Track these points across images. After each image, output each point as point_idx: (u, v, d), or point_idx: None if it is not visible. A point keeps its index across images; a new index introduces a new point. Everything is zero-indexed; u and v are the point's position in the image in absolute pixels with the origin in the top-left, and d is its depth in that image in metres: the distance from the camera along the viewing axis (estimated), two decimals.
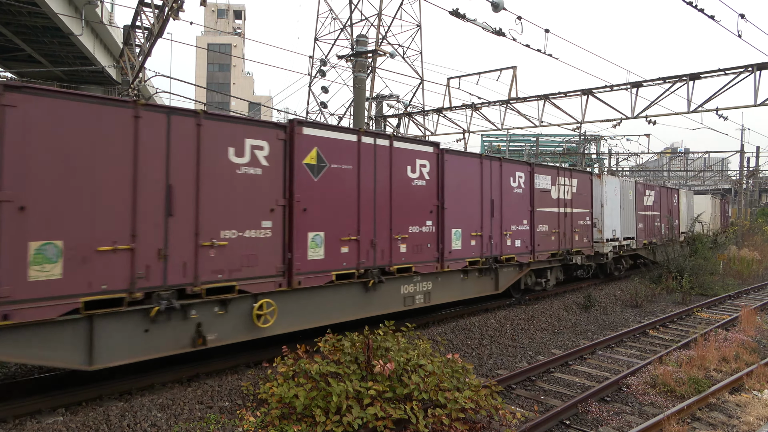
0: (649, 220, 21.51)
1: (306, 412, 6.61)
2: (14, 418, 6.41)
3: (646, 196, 21.38)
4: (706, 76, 16.41)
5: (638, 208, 20.50)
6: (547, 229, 14.43)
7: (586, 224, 16.41)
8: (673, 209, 24.42)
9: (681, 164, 56.62)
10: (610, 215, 18.05)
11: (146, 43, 16.22)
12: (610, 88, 18.26)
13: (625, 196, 19.27)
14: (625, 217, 19.22)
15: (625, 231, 19.14)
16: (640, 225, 20.70)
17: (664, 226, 22.84)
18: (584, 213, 16.26)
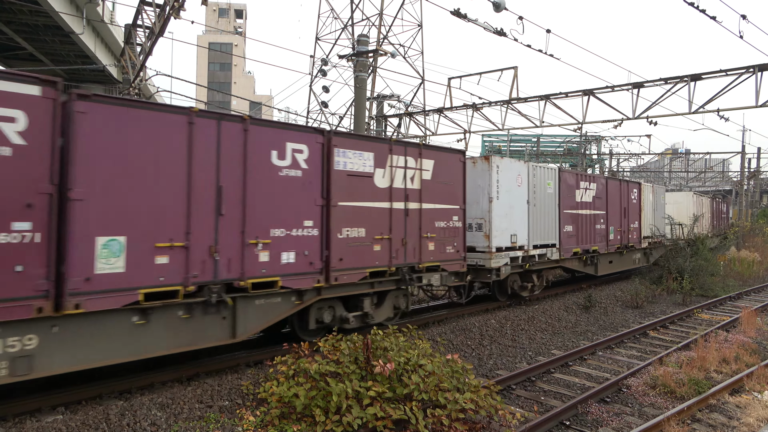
0: (585, 221, 16.93)
1: (306, 412, 6.61)
2: (14, 416, 6.42)
3: (580, 189, 16.71)
4: (708, 77, 16.40)
5: (565, 205, 15.79)
6: (364, 234, 9.60)
7: (451, 227, 11.42)
8: (630, 208, 20.10)
9: (682, 165, 56.54)
10: (506, 215, 13.30)
11: (147, 42, 16.22)
12: (611, 88, 18.24)
13: (539, 188, 14.70)
14: (539, 218, 14.64)
15: (538, 236, 14.54)
16: (569, 228, 15.97)
17: (616, 230, 18.85)
18: (448, 210, 11.35)
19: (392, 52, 20.58)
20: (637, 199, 20.87)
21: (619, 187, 19.44)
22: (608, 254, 18.58)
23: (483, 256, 12.88)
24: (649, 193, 22.10)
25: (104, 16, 28.58)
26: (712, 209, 33.17)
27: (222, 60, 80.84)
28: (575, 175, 16.77)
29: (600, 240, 17.84)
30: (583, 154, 45.18)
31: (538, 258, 14.56)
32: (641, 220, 21.02)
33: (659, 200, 23.31)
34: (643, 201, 21.22)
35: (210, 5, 79.99)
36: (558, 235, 15.47)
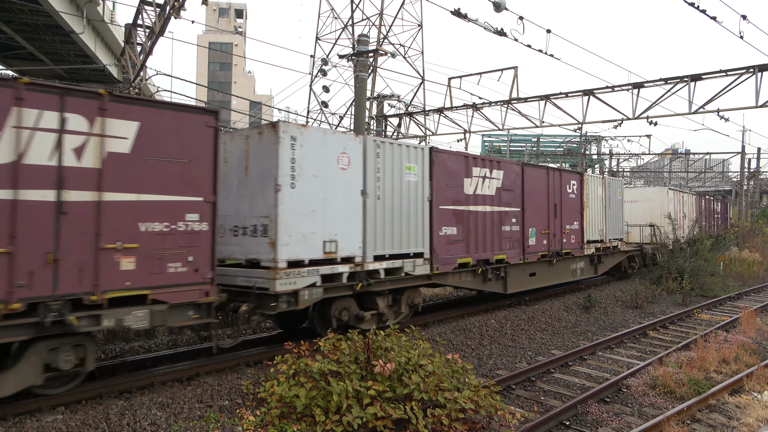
0: (483, 221, 12.62)
1: (306, 412, 6.61)
2: (14, 416, 6.42)
3: (473, 178, 12.44)
4: (708, 77, 16.40)
5: (444, 198, 11.62)
6: None
7: (181, 231, 7.32)
8: (564, 204, 15.95)
9: (682, 165, 56.55)
10: (314, 212, 9.02)
11: (147, 42, 16.22)
12: (612, 88, 18.24)
13: (390, 173, 10.43)
14: (389, 216, 10.38)
15: (386, 242, 10.29)
16: (450, 230, 11.72)
17: (540, 233, 14.75)
18: (173, 204, 7.29)
19: (392, 52, 20.59)
20: (577, 193, 16.72)
21: (545, 177, 15.17)
22: (525, 265, 14.20)
23: (265, 275, 8.38)
24: (597, 186, 17.97)
25: (104, 15, 28.59)
26: (699, 208, 29.81)
27: (222, 60, 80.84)
28: (463, 159, 12.33)
29: (511, 246, 13.55)
30: (583, 155, 45.19)
31: (385, 274, 10.17)
32: (584, 221, 16.93)
33: (614, 196, 19.04)
34: (587, 196, 17.10)
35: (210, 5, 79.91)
36: (429, 241, 11.13)
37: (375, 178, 10.09)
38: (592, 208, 17.63)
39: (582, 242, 16.88)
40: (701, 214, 29.79)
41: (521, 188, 13.98)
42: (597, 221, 17.90)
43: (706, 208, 31.47)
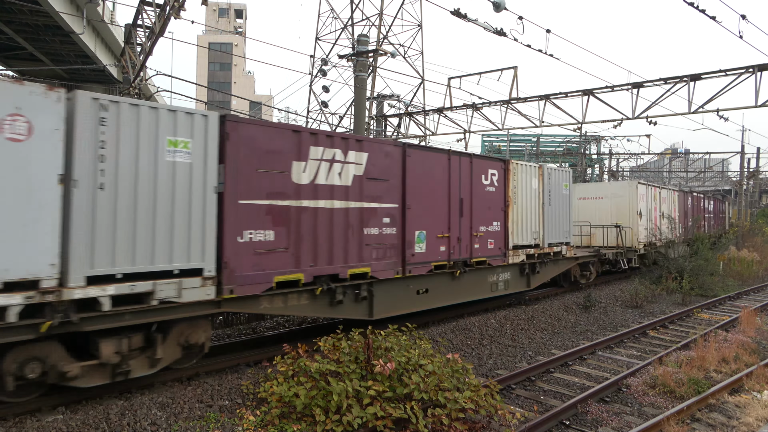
0: (326, 221, 9.26)
1: (306, 411, 6.62)
2: (14, 416, 6.42)
3: (311, 162, 9.01)
4: (707, 76, 16.41)
5: (249, 190, 8.17)
6: None
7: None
8: (479, 199, 12.51)
9: (681, 165, 56.56)
10: None
11: (147, 42, 16.23)
12: (611, 88, 18.25)
13: (140, 148, 7.05)
14: (125, 216, 6.89)
15: (117, 255, 6.80)
16: (255, 235, 8.14)
17: (434, 237, 11.27)
18: None
19: (392, 52, 20.61)
20: (499, 186, 13.08)
21: (445, 164, 11.65)
22: (409, 280, 10.82)
23: None
24: (530, 177, 14.03)
25: (104, 15, 28.59)
26: (684, 207, 26.31)
27: (222, 60, 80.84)
28: (291, 134, 8.74)
29: (381, 255, 10.14)
30: (583, 154, 45.21)
31: (115, 304, 6.71)
32: (509, 221, 13.29)
33: (557, 190, 15.09)
34: (513, 190, 13.41)
35: (210, 5, 79.96)
36: (216, 251, 7.64)
37: (95, 156, 6.60)
38: (523, 205, 13.76)
39: (506, 248, 13.17)
40: (687, 213, 26.54)
41: (401, 178, 10.59)
42: (530, 221, 14.04)
43: (695, 207, 28.49)
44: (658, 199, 22.78)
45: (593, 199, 21.32)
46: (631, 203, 20.38)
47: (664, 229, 22.50)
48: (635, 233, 20.07)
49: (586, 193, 21.84)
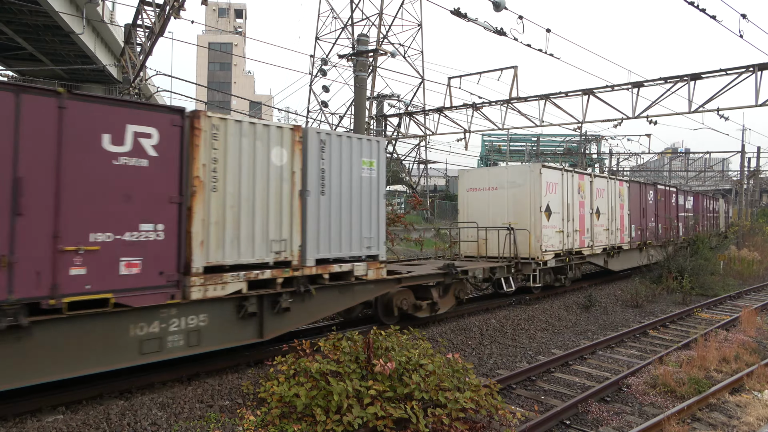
0: None
1: (306, 411, 6.62)
2: (15, 416, 6.42)
3: None
4: (707, 76, 16.40)
5: None
6: None
7: None
8: (84, 184, 6.42)
9: (682, 165, 56.58)
10: None
11: (147, 42, 16.23)
12: (611, 88, 18.25)
13: None
14: None
15: None
16: None
17: None
18: None
19: (392, 52, 20.61)
20: (167, 157, 7.27)
21: None
22: None
23: None
24: (267, 144, 8.45)
25: (104, 16, 28.60)
26: (642, 203, 20.65)
27: (222, 60, 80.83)
28: None
29: None
30: (583, 154, 45.20)
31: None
32: (195, 220, 7.50)
33: (351, 170, 9.69)
34: (210, 165, 7.70)
35: (210, 5, 79.96)
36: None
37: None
38: (242, 193, 7.99)
39: (181, 271, 7.28)
40: (646, 211, 20.86)
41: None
42: (263, 220, 8.29)
43: (662, 203, 22.24)
44: (588, 192, 17.09)
45: (486, 191, 15.37)
46: (533, 196, 14.56)
47: (598, 232, 17.41)
48: (538, 238, 14.43)
49: (478, 181, 15.65)
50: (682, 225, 24.63)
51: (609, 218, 18.27)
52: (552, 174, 15.29)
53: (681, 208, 25.05)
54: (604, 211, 18.01)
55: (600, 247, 17.61)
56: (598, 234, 17.55)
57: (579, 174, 16.85)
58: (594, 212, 17.45)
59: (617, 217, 18.79)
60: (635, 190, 20.43)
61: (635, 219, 20.17)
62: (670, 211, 23.55)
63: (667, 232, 22.29)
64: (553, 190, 15.24)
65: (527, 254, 14.49)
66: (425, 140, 24.14)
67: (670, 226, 22.91)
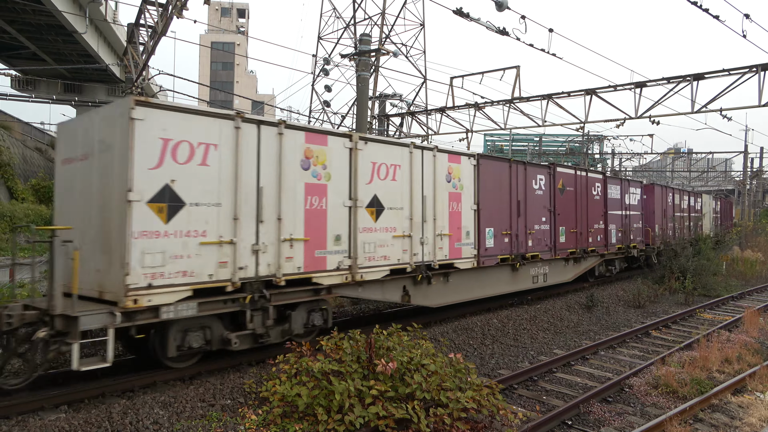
0: None
1: (308, 411, 6.62)
2: (17, 414, 6.44)
3: None
4: (710, 76, 16.35)
5: None
6: None
7: None
8: None
9: (684, 165, 56.46)
10: None
11: (150, 42, 16.24)
12: (614, 88, 18.21)
13: None
14: None
15: None
16: None
17: None
18: None
19: (394, 52, 20.57)
20: None
21: None
22: None
23: None
24: None
25: (107, 15, 28.66)
26: (513, 191, 13.56)
27: (224, 59, 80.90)
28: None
29: None
30: (586, 154, 45.13)
31: None
32: None
33: None
34: None
35: (212, 5, 79.92)
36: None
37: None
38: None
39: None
40: (519, 210, 13.70)
41: None
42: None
43: (575, 198, 16.24)
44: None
45: (79, 162, 7.94)
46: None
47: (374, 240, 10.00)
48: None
49: (73, 144, 8.13)
50: (618, 229, 18.69)
51: (408, 216, 10.66)
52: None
53: (613, 203, 18.58)
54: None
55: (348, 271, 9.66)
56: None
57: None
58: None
59: (443, 214, 11.48)
60: (497, 172, 13.07)
61: (497, 219, 13.04)
62: (587, 208, 16.80)
63: (579, 241, 16.27)
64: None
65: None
66: (427, 140, 24.12)
67: (585, 232, 16.66)
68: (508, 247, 13.47)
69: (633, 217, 20.16)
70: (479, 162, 12.63)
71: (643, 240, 20.84)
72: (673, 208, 23.80)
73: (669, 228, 22.97)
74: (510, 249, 13.55)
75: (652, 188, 21.98)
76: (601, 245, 17.79)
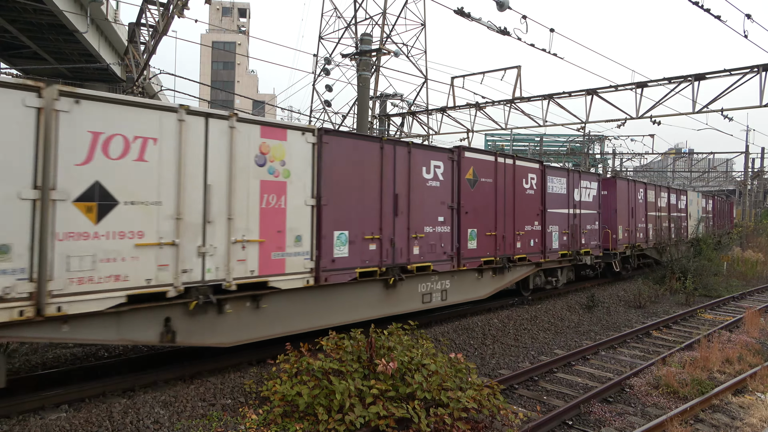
0: None
1: (309, 410, 6.62)
2: (18, 413, 6.44)
3: None
4: (712, 76, 16.34)
5: None
6: None
7: None
8: None
9: (685, 165, 56.44)
10: None
11: (151, 41, 16.25)
12: (615, 88, 18.20)
13: None
14: None
15: None
16: None
17: None
18: None
19: (395, 51, 20.57)
20: None
21: None
22: None
23: None
24: None
25: (108, 14, 28.66)
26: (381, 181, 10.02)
27: (225, 59, 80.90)
28: None
29: None
30: (587, 154, 45.11)
31: None
32: None
33: None
34: None
35: (213, 4, 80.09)
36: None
37: None
38: None
39: None
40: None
41: None
42: None
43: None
44: None
45: None
46: None
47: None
48: None
49: None
50: (562, 231, 15.23)
51: (172, 214, 7.62)
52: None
53: (555, 200, 15.01)
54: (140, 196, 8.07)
55: None
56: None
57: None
58: None
59: (247, 212, 8.13)
60: (358, 155, 9.68)
61: (356, 219, 9.65)
62: (514, 205, 13.39)
63: (501, 247, 12.80)
64: None
65: None
66: (428, 140, 24.13)
67: (511, 235, 13.15)
68: (377, 257, 9.91)
69: (586, 216, 16.46)
70: (321, 139, 8.96)
71: (600, 244, 17.30)
72: (645, 207, 20.65)
73: (640, 230, 20.07)
74: (380, 259, 9.97)
75: (613, 182, 18.64)
76: (536, 251, 14.10)
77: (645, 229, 20.50)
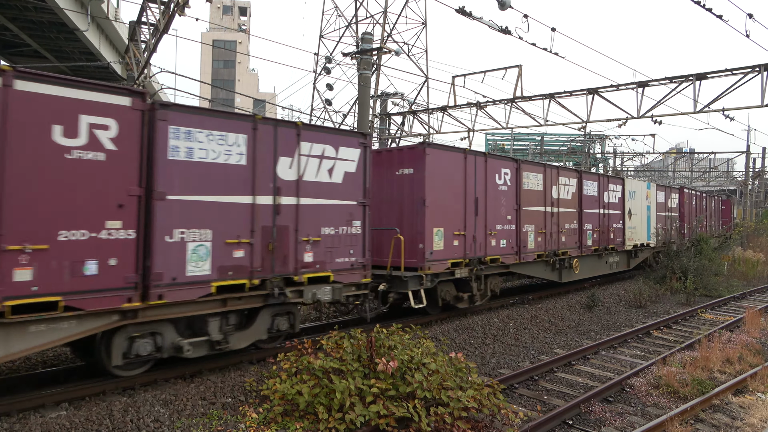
0: None
1: (309, 409, 6.62)
2: (18, 412, 6.44)
3: None
4: (713, 76, 16.33)
5: None
6: None
7: None
8: None
9: (686, 165, 56.40)
10: None
11: (152, 40, 16.24)
12: (616, 87, 18.18)
13: None
14: None
15: None
16: None
17: None
18: None
19: (396, 50, 20.54)
20: None
21: None
22: None
23: None
24: None
25: (109, 13, 28.65)
26: None
27: (226, 57, 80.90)
28: None
29: None
30: (587, 153, 45.08)
31: None
32: None
33: None
34: None
35: (214, 2, 79.92)
36: None
37: None
38: None
39: None
40: None
41: None
42: None
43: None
44: None
45: None
46: None
47: None
48: None
49: None
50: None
51: None
52: None
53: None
54: None
55: None
56: None
57: None
58: None
59: None
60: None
61: None
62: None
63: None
64: None
65: None
66: (429, 139, 24.12)
67: None
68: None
69: None
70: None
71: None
72: (517, 198, 13.56)
73: (502, 235, 13.08)
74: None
75: (422, 154, 10.99)
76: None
77: (517, 231, 13.61)
